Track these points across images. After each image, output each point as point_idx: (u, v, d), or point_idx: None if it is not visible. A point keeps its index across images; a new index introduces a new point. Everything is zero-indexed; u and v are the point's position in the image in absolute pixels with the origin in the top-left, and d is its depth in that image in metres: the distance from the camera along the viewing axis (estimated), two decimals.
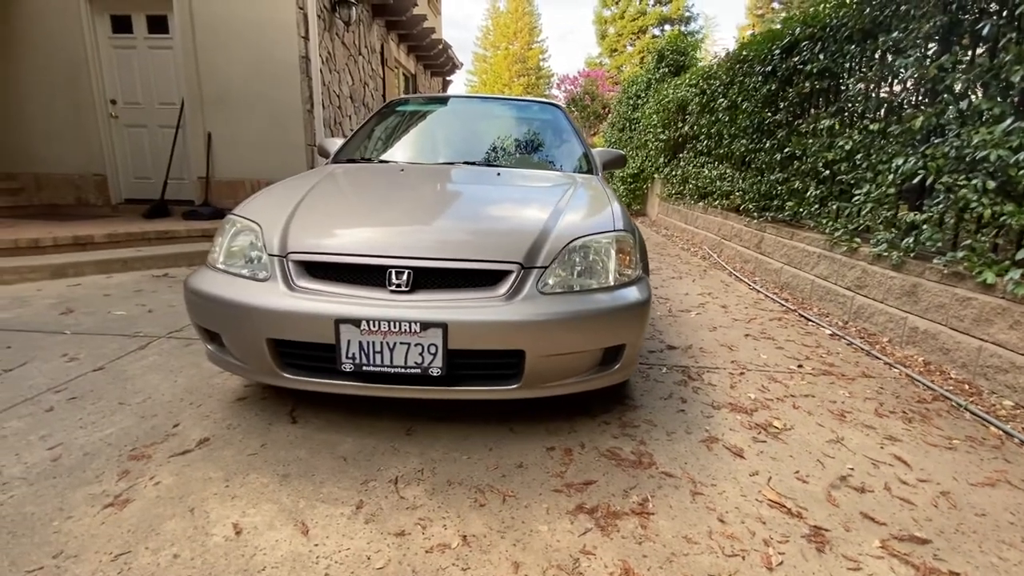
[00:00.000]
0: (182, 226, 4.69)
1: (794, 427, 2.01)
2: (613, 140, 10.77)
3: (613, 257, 1.80)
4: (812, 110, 3.96)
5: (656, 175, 8.34)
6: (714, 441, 1.88)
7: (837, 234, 3.55)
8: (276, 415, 1.93)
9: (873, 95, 3.30)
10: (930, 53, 2.83)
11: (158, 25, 5.41)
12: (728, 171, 5.53)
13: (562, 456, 1.75)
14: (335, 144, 3.03)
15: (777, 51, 4.21)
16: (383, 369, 1.56)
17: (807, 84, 3.87)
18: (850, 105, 3.50)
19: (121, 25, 5.43)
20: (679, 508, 1.50)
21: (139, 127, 5.64)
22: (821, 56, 3.68)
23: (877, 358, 2.78)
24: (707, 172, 6.10)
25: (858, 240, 3.38)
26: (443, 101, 3.45)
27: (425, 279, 1.63)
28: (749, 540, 1.39)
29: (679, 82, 6.96)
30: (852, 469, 1.75)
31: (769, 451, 1.83)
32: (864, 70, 3.36)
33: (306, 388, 1.68)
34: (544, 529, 1.40)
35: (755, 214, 4.87)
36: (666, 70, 7.96)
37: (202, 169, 5.50)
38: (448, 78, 12.33)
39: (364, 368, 1.56)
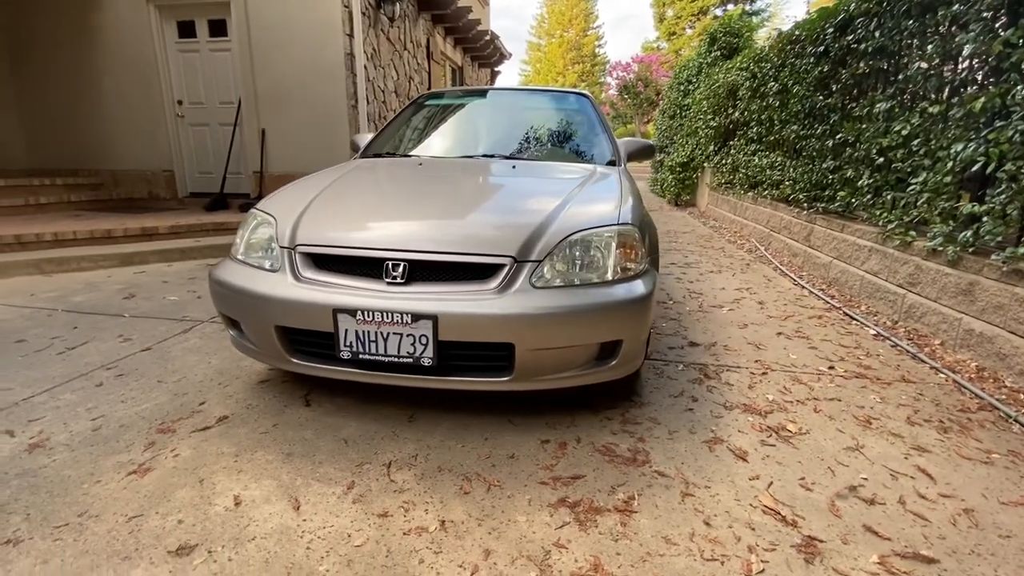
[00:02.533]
0: (237, 218, 5.02)
1: (810, 431, 1.91)
2: (664, 128, 10.42)
3: (614, 251, 1.77)
4: (867, 93, 3.67)
5: (706, 164, 8.01)
6: (718, 442, 1.82)
7: (891, 226, 3.29)
8: (292, 398, 2.05)
9: (933, 75, 3.01)
10: (996, 27, 2.55)
11: (218, 29, 5.77)
12: (778, 159, 5.23)
13: (556, 450, 1.75)
14: (365, 140, 3.14)
15: (830, 29, 3.92)
16: (378, 358, 1.62)
17: (862, 64, 3.59)
18: (908, 86, 3.21)
19: (186, 30, 5.84)
20: (665, 508, 1.48)
21: (202, 125, 6.06)
22: (877, 34, 3.39)
23: (923, 362, 2.57)
24: (757, 160, 5.79)
25: (913, 233, 3.12)
26: (471, 94, 3.48)
27: (421, 272, 1.67)
28: (733, 546, 1.34)
29: (730, 66, 6.62)
30: (866, 479, 1.64)
31: (777, 455, 1.75)
32: (923, 48, 3.07)
33: (311, 373, 1.78)
34: (522, 520, 1.42)
35: (805, 205, 4.59)
36: (718, 53, 7.59)
37: (256, 164, 5.84)
38: (496, 69, 12.35)
39: (360, 356, 1.64)
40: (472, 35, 9.13)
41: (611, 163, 2.79)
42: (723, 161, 7.13)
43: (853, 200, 3.81)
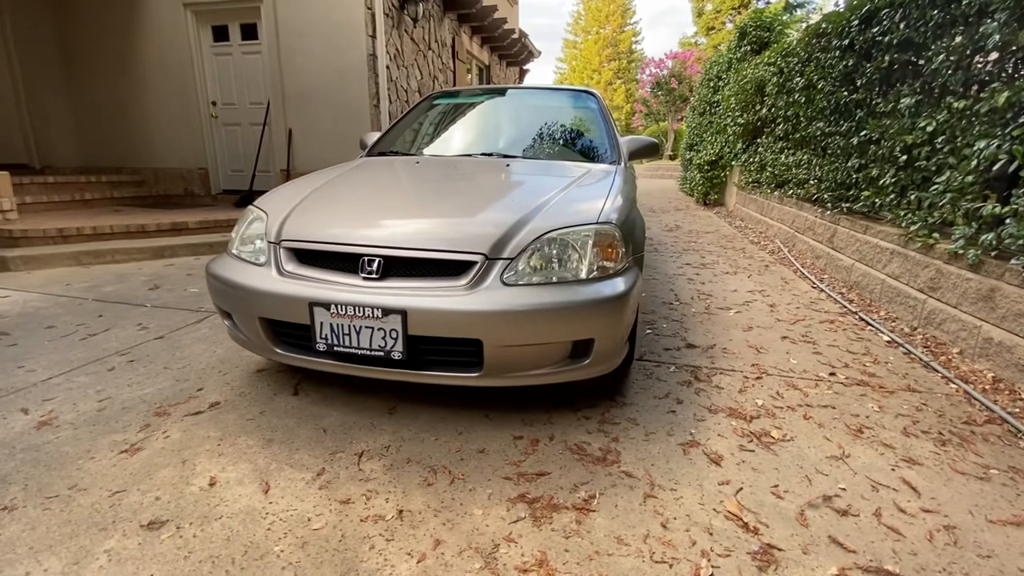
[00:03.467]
0: None
1: (795, 439, 1.86)
2: (693, 125, 10.18)
3: (589, 250, 1.77)
4: (892, 88, 3.50)
5: (734, 162, 7.79)
6: (694, 445, 1.79)
7: (913, 228, 3.13)
8: (283, 387, 2.14)
9: (958, 68, 2.84)
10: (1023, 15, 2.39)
11: (249, 32, 6.01)
12: (804, 157, 5.04)
13: (527, 446, 1.77)
14: (373, 138, 3.22)
15: (856, 21, 3.75)
16: (351, 350, 1.68)
17: (886, 58, 3.42)
18: (933, 81, 3.04)
19: (220, 34, 6.11)
20: (624, 508, 1.47)
21: (234, 125, 6.33)
22: (902, 25, 3.23)
23: (935, 371, 2.45)
24: (783, 159, 5.60)
25: (936, 235, 2.97)
26: (479, 93, 3.51)
27: (396, 268, 1.72)
28: (686, 549, 1.33)
29: (758, 61, 6.41)
30: (844, 489, 1.58)
31: (753, 461, 1.71)
32: (948, 39, 2.90)
33: (292, 363, 1.86)
34: (478, 513, 1.44)
35: (829, 205, 4.42)
36: (747, 48, 7.35)
37: (283, 162, 6.06)
38: (525, 67, 12.35)
39: (335, 348, 1.69)
40: (498, 34, 9.17)
41: (611, 162, 2.77)
42: (751, 159, 6.92)
43: (877, 200, 3.64)
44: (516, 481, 1.58)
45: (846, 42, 3.90)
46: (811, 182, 4.82)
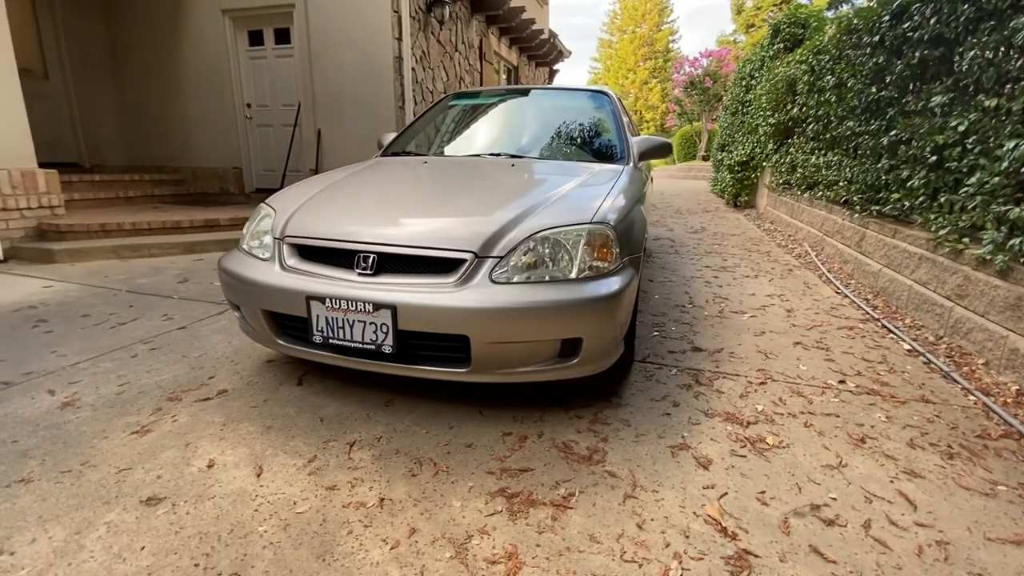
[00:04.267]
0: None
1: (791, 445, 1.81)
2: (725, 124, 9.94)
3: (580, 250, 1.77)
4: (923, 85, 3.34)
5: (765, 163, 7.58)
6: (684, 449, 1.77)
7: (943, 232, 2.99)
8: (288, 378, 2.23)
9: (991, 65, 2.70)
10: None
11: (283, 37, 6.23)
12: (834, 158, 4.86)
13: (515, 442, 1.79)
14: (389, 138, 3.31)
15: (887, 17, 3.60)
16: (345, 343, 1.74)
17: (917, 55, 3.28)
18: (965, 78, 2.90)
19: (255, 39, 6.36)
20: (602, 507, 1.47)
21: (267, 126, 6.57)
22: (932, 21, 3.08)
23: (955, 382, 2.33)
24: (813, 159, 5.42)
25: (966, 240, 2.83)
26: (494, 94, 3.55)
27: (390, 264, 1.77)
28: (659, 551, 1.32)
29: (790, 59, 6.22)
30: (834, 499, 1.54)
31: (744, 467, 1.69)
32: (979, 35, 2.76)
33: (294, 354, 1.94)
34: (457, 504, 1.47)
35: (858, 207, 4.26)
36: (780, 46, 7.12)
37: (312, 162, 6.25)
38: (554, 68, 12.33)
39: (330, 341, 1.76)
40: (527, 34, 9.19)
41: (620, 162, 2.76)
42: (781, 160, 6.72)
43: (907, 203, 3.49)
44: (499, 476, 1.60)
45: (876, 38, 3.75)
46: (841, 184, 4.66)
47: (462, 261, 1.71)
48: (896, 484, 1.62)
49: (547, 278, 1.73)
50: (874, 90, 3.84)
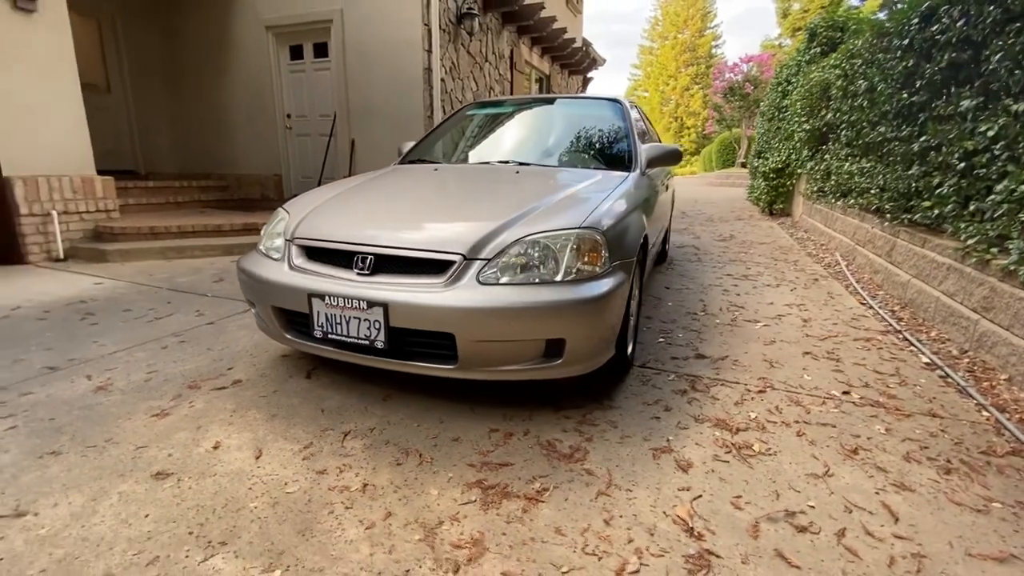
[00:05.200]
0: None
1: (777, 453, 1.80)
2: (762, 131, 9.71)
3: (568, 254, 1.83)
4: (953, 89, 3.22)
5: (800, 170, 7.36)
6: (666, 452, 1.79)
7: (971, 242, 2.87)
8: (298, 371, 2.37)
9: (1019, 67, 2.58)
10: None
11: (321, 51, 6.55)
12: (867, 165, 4.70)
13: (501, 438, 1.85)
14: (408, 147, 3.45)
15: (915, 20, 3.49)
16: (342, 338, 1.85)
17: (945, 57, 3.16)
18: (993, 82, 2.78)
19: (296, 53, 6.71)
20: (573, 503, 1.52)
21: (305, 136, 6.91)
22: (960, 23, 2.97)
23: (970, 397, 2.24)
24: (847, 166, 5.25)
25: (994, 250, 2.70)
26: (510, 103, 3.64)
27: (386, 265, 1.87)
28: (620, 545, 1.36)
29: (825, 63, 6.05)
30: (812, 507, 1.53)
31: (724, 472, 1.69)
32: (1005, 36, 2.65)
33: (298, 348, 2.07)
34: (434, 493, 1.55)
35: (889, 216, 4.11)
36: (817, 50, 6.92)
37: (346, 169, 6.53)
38: (588, 76, 12.36)
39: (329, 336, 1.88)
40: (559, 43, 9.28)
41: (625, 168, 2.79)
42: (816, 167, 6.52)
43: (936, 211, 3.36)
44: (479, 468, 1.67)
45: (906, 42, 3.63)
46: (873, 191, 4.50)
47: (451, 263, 1.80)
48: (881, 496, 1.59)
49: (534, 280, 1.79)
50: (905, 95, 3.71)
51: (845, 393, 2.27)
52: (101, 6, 6.66)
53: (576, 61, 10.60)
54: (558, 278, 1.80)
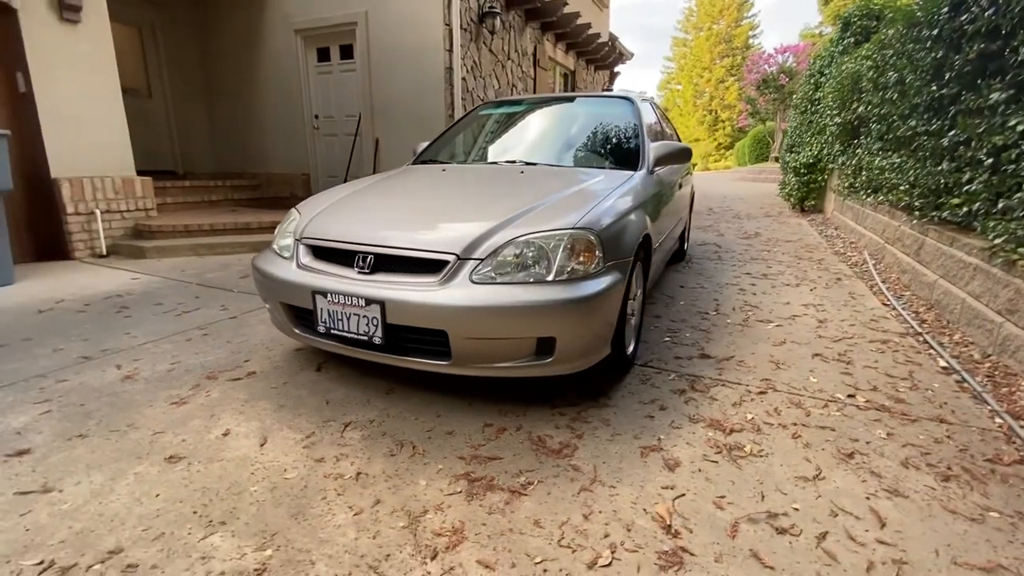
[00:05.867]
0: None
1: (769, 455, 1.79)
2: (795, 125, 9.41)
3: (560, 254, 1.86)
4: (983, 82, 3.07)
5: (832, 165, 7.12)
6: (655, 450, 1.81)
7: (998, 241, 2.75)
8: (309, 364, 2.48)
9: None
10: None
11: (347, 52, 6.72)
12: (897, 160, 4.53)
13: (493, 433, 1.91)
14: (422, 147, 3.54)
15: (945, 9, 3.34)
16: (343, 333, 1.94)
17: (974, 48, 3.02)
18: (1022, 74, 2.65)
19: (323, 55, 6.90)
20: (556, 497, 1.56)
21: (332, 136, 7.11)
22: (989, 12, 2.84)
23: (985, 403, 2.16)
24: (877, 161, 5.06)
25: (1021, 250, 2.59)
26: (523, 102, 3.68)
27: (385, 264, 1.95)
28: (596, 539, 1.39)
29: (857, 54, 5.82)
30: (796, 509, 1.53)
31: (711, 472, 1.70)
32: None
33: (306, 342, 2.18)
34: (423, 483, 1.62)
35: (918, 213, 3.95)
36: (851, 40, 6.66)
37: (370, 169, 6.69)
38: (615, 70, 12.22)
39: (332, 331, 1.97)
40: (583, 39, 9.22)
41: (631, 168, 2.79)
42: (848, 162, 6.29)
43: (965, 208, 3.22)
44: (469, 461, 1.73)
45: (935, 32, 3.48)
46: (902, 187, 4.33)
47: (445, 262, 1.86)
48: (872, 502, 1.57)
49: (526, 280, 1.84)
50: (934, 87, 3.56)
51: (850, 396, 2.22)
52: (143, 15, 7.01)
53: (602, 56, 10.50)
54: (550, 278, 1.84)
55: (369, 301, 1.85)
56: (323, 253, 2.12)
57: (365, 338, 1.90)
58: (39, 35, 4.36)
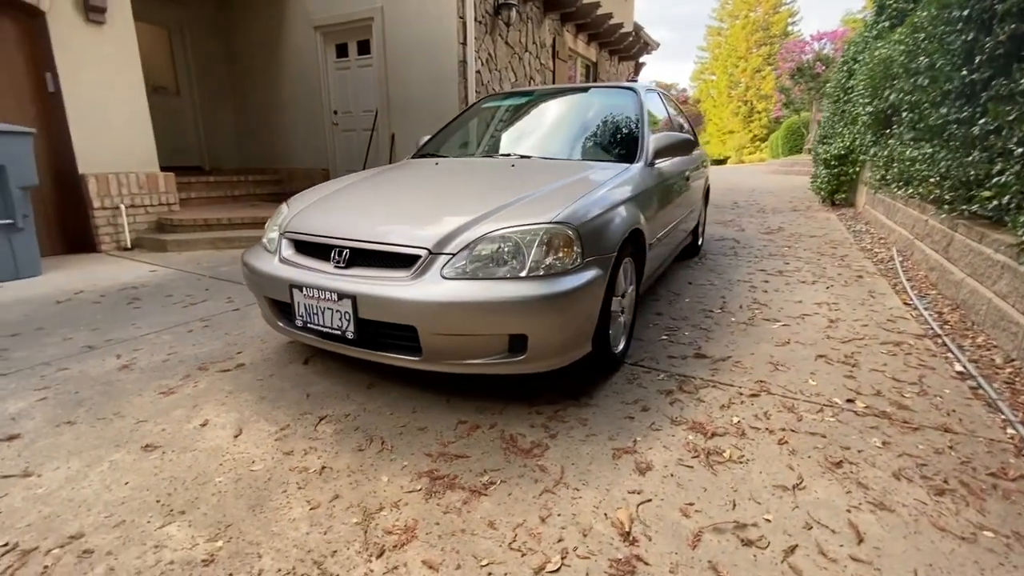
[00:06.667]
0: None
1: (750, 461, 1.71)
2: (827, 115, 9.00)
3: (534, 249, 1.82)
4: (1015, 65, 2.84)
5: (864, 156, 6.78)
6: (629, 453, 1.75)
7: None
8: (298, 357, 2.51)
9: None
10: None
11: (364, 48, 6.78)
12: (928, 150, 4.26)
13: (466, 430, 1.88)
14: (424, 140, 3.53)
15: None
16: (319, 327, 1.95)
17: (1006, 29, 2.80)
18: None
19: (341, 51, 6.98)
20: (516, 498, 1.53)
21: (350, 131, 7.20)
22: None
23: (999, 412, 2.01)
24: (908, 152, 4.78)
25: None
26: (525, 94, 3.61)
27: (361, 259, 1.94)
28: (549, 544, 1.35)
29: (890, 38, 5.50)
30: (768, 520, 1.45)
31: (684, 477, 1.63)
32: None
33: (287, 335, 2.19)
34: (384, 479, 1.61)
35: (948, 207, 3.71)
36: (886, 24, 6.29)
37: (386, 163, 6.73)
38: (640, 61, 11.94)
39: (309, 325, 1.98)
40: (605, 29, 9.03)
41: (628, 160, 2.71)
42: (879, 153, 5.97)
43: (994, 201, 3.00)
44: (435, 459, 1.71)
45: (966, 12, 3.24)
46: (933, 179, 4.08)
47: (417, 257, 1.84)
48: (852, 515, 1.47)
49: (498, 275, 1.80)
50: (964, 72, 3.33)
51: (849, 401, 2.10)
52: (172, 16, 7.24)
53: (625, 47, 10.28)
54: (523, 273, 1.79)
55: (341, 296, 1.84)
56: (304, 247, 2.13)
57: (339, 332, 1.90)
58: (66, 36, 4.54)
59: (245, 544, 1.34)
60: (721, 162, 37.25)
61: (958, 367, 2.41)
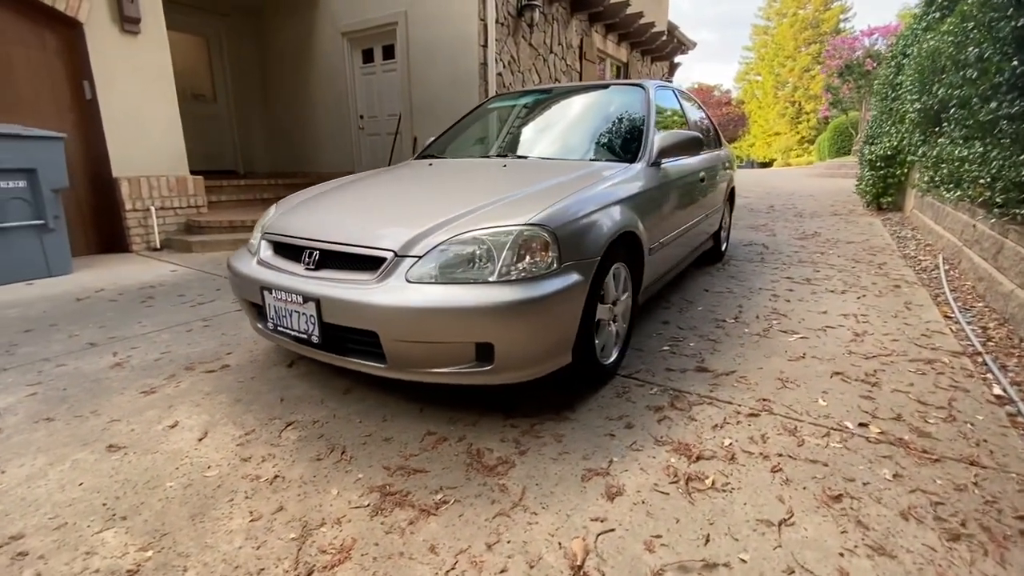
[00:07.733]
0: None
1: (735, 491, 1.54)
2: (875, 113, 8.46)
3: (506, 252, 1.71)
4: None
5: (912, 157, 6.30)
6: (600, 475, 1.61)
7: None
8: (283, 360, 2.49)
9: None
10: None
11: (389, 53, 6.84)
12: (979, 148, 3.88)
13: (432, 443, 1.79)
14: (429, 141, 3.48)
15: None
16: (287, 330, 1.91)
17: None
18: None
19: (367, 57, 7.08)
20: (466, 520, 1.42)
21: (375, 135, 7.28)
22: None
23: None
24: (957, 151, 4.38)
25: None
26: (533, 93, 3.51)
27: (331, 261, 1.89)
28: (489, 573, 1.24)
29: (940, 29, 5.08)
30: (744, 560, 1.28)
31: (656, 505, 1.48)
32: None
33: (264, 337, 2.16)
34: (334, 492, 1.53)
35: (998, 211, 3.36)
36: (936, 15, 5.82)
37: None
38: (675, 61, 11.61)
39: (279, 328, 1.94)
40: (635, 29, 8.81)
41: (629, 161, 2.57)
42: (928, 153, 5.53)
43: None
44: (392, 472, 1.63)
45: None
46: (983, 181, 3.71)
47: (383, 259, 1.76)
48: (845, 559, 1.29)
49: (466, 280, 1.70)
50: (1015, 63, 3.00)
51: (861, 425, 1.88)
52: (209, 26, 7.54)
53: (658, 47, 10.01)
54: (492, 278, 1.69)
55: (307, 298, 1.79)
56: (281, 248, 2.10)
57: (305, 336, 1.85)
58: (102, 46, 4.77)
59: (174, 556, 1.29)
60: (766, 165, 35.89)
61: (997, 390, 2.14)
